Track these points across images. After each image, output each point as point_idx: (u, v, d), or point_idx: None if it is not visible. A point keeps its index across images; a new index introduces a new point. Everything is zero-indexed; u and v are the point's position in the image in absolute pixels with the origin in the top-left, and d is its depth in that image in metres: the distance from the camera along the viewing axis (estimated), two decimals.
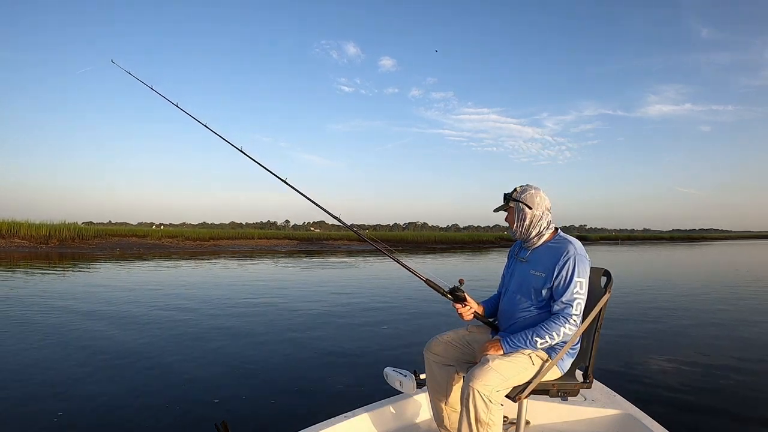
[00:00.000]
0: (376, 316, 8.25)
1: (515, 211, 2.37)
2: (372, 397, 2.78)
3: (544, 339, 2.13)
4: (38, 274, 15.01)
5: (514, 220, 2.37)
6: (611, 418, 2.65)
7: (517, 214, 2.36)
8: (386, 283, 13.35)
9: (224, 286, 12.63)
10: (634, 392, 3.54)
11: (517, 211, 2.36)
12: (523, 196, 2.36)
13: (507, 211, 2.42)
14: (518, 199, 2.36)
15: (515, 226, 2.38)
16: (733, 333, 7.07)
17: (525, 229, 2.35)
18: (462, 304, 2.36)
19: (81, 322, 7.38)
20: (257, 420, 3.67)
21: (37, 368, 4.96)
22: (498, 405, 2.02)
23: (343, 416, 2.51)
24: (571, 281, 2.15)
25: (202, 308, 8.77)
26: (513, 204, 2.38)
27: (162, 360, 5.31)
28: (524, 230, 2.35)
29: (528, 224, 2.34)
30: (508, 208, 2.41)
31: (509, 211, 2.41)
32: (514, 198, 2.38)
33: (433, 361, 2.46)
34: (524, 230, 2.35)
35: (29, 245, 29.68)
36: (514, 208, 2.38)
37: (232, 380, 4.62)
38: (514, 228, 2.39)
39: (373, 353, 5.70)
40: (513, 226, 2.39)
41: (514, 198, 2.38)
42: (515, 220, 2.37)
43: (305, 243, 43.80)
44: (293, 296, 10.72)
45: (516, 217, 2.37)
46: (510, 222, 2.40)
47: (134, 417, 3.69)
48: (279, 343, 6.15)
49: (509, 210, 2.41)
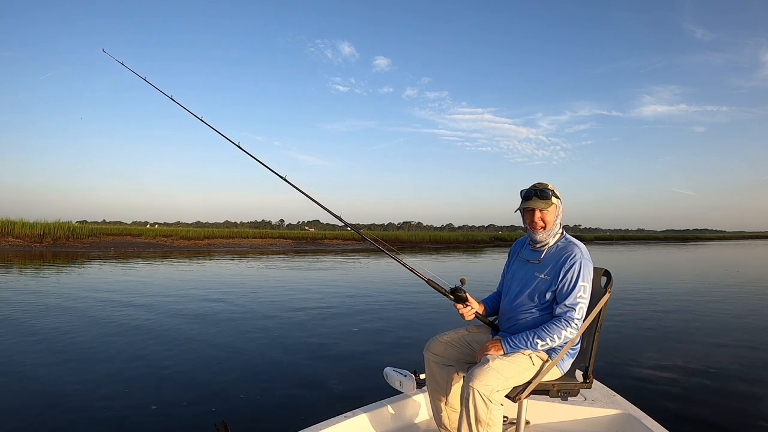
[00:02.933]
0: (376, 315, 8.24)
1: (557, 209, 2.27)
2: (372, 397, 2.77)
3: (545, 341, 2.12)
4: (38, 274, 14.92)
5: (554, 218, 2.25)
6: (611, 418, 2.66)
7: (559, 211, 2.27)
8: (385, 283, 13.33)
9: (222, 285, 12.58)
10: (634, 392, 3.55)
11: (559, 209, 2.27)
12: (558, 192, 2.28)
13: (543, 208, 2.23)
14: (558, 195, 2.27)
15: (551, 225, 2.25)
16: (731, 332, 7.11)
17: (556, 228, 2.27)
18: (463, 304, 2.35)
19: (79, 322, 7.35)
20: (257, 420, 3.67)
21: (41, 372, 4.93)
22: (498, 405, 2.02)
23: (343, 416, 2.51)
24: (575, 285, 2.13)
25: (201, 308, 8.74)
26: (556, 201, 2.26)
27: (161, 360, 5.29)
28: (555, 229, 2.27)
29: (561, 223, 2.29)
30: (552, 206, 2.24)
31: (549, 208, 2.23)
32: (556, 194, 2.26)
33: (433, 361, 2.45)
34: (555, 229, 2.27)
35: (23, 244, 29.50)
36: (557, 205, 2.27)
37: (232, 380, 4.61)
38: (549, 227, 2.24)
39: (373, 353, 5.70)
40: (550, 225, 2.24)
41: (556, 194, 2.26)
42: (555, 218, 2.26)
43: (300, 242, 43.75)
44: (291, 296, 10.69)
45: (557, 214, 2.26)
46: (547, 221, 2.24)
47: (134, 417, 3.68)
48: (279, 343, 6.14)
49: (550, 207, 2.23)
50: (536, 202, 2.23)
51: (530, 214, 2.26)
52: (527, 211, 2.27)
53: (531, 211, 2.25)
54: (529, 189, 2.27)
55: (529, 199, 2.26)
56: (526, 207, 2.26)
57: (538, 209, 2.23)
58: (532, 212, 2.25)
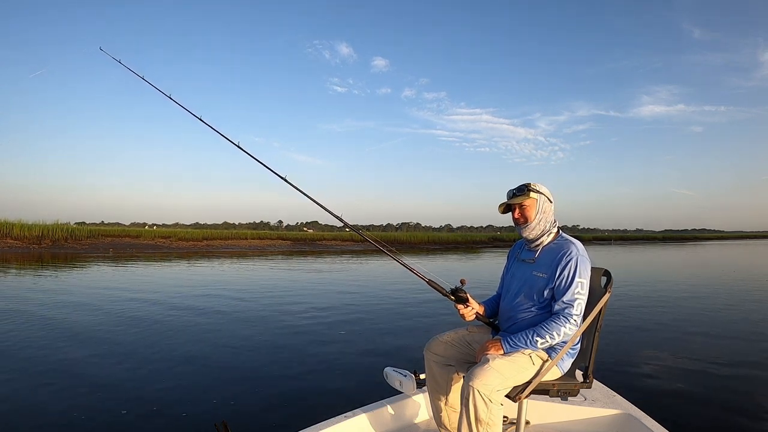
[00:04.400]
0: (376, 315, 8.25)
1: (537, 204, 2.26)
2: (372, 397, 2.77)
3: (545, 339, 2.12)
4: (42, 275, 14.89)
5: (534, 214, 2.25)
6: (611, 418, 2.66)
7: (540, 206, 2.26)
8: (385, 283, 13.34)
9: (222, 286, 12.57)
10: (634, 392, 3.55)
11: (540, 203, 2.27)
12: (543, 190, 2.29)
13: (521, 204, 2.27)
14: (540, 191, 2.28)
15: (534, 221, 2.25)
16: (731, 332, 7.13)
17: (544, 224, 2.27)
18: (464, 305, 2.35)
19: (77, 322, 7.34)
20: (257, 420, 3.67)
21: (42, 371, 4.93)
22: (498, 405, 2.01)
23: (343, 416, 2.51)
24: (572, 281, 2.14)
25: (201, 308, 8.73)
26: (535, 195, 2.26)
27: (161, 360, 5.29)
28: (544, 225, 2.27)
29: (549, 219, 2.29)
30: (529, 199, 2.26)
31: (528, 203, 2.26)
32: (535, 189, 2.27)
33: (433, 361, 2.45)
34: (544, 225, 2.27)
35: (22, 246, 29.45)
36: (537, 200, 2.27)
37: (232, 380, 4.61)
38: (532, 222, 2.26)
39: (372, 353, 5.70)
40: (531, 220, 2.25)
41: (536, 189, 2.27)
42: (536, 213, 2.26)
43: (299, 243, 43.73)
44: (291, 296, 10.69)
45: (537, 209, 2.26)
46: (527, 216, 2.26)
47: (134, 417, 3.68)
48: (278, 343, 6.14)
49: (528, 202, 2.26)
50: (512, 198, 2.30)
51: (512, 212, 2.32)
52: (512, 210, 2.32)
53: (512, 208, 2.31)
54: (512, 189, 2.34)
55: (508, 198, 2.33)
56: (504, 203, 2.33)
57: (515, 204, 2.28)
58: (513, 209, 2.31)
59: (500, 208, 2.35)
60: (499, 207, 2.36)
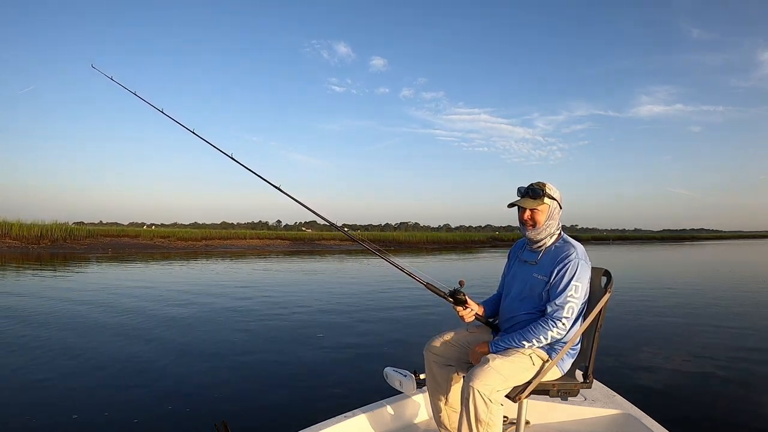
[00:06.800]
0: (375, 315, 8.26)
1: (549, 209, 2.25)
2: (372, 397, 2.77)
3: (531, 342, 2.12)
4: (47, 275, 14.87)
5: (545, 219, 2.24)
6: (611, 418, 2.66)
7: (551, 211, 2.25)
8: (385, 283, 13.33)
9: (222, 285, 12.57)
10: (634, 392, 3.55)
11: (551, 208, 2.25)
12: (556, 195, 2.27)
13: (534, 208, 2.23)
14: (553, 196, 2.26)
15: (543, 225, 2.24)
16: (731, 332, 7.13)
17: (551, 228, 2.26)
18: (463, 307, 2.35)
19: (77, 322, 7.33)
20: (257, 420, 3.67)
21: (42, 373, 4.92)
22: (498, 405, 2.01)
23: (343, 416, 2.51)
24: (568, 284, 2.13)
25: (200, 308, 8.73)
26: (549, 201, 2.25)
27: (161, 360, 5.28)
28: (551, 230, 2.26)
29: (557, 224, 2.27)
30: (543, 205, 2.23)
31: (541, 208, 2.23)
32: (549, 195, 2.25)
33: (433, 361, 2.45)
34: (551, 230, 2.26)
35: (20, 245, 29.40)
36: (549, 205, 2.26)
37: (232, 380, 4.61)
38: (540, 227, 2.24)
39: (373, 353, 5.71)
40: (540, 224, 2.23)
41: (550, 195, 2.26)
42: (546, 218, 2.24)
43: (297, 243, 43.67)
44: (289, 296, 10.69)
45: (549, 215, 2.24)
46: (537, 220, 2.23)
47: (134, 417, 3.67)
48: (278, 343, 6.14)
49: (542, 207, 2.24)
50: (525, 201, 2.26)
51: (521, 212, 2.29)
52: (519, 209, 2.30)
53: (522, 209, 2.28)
54: (526, 187, 2.29)
55: (520, 197, 2.30)
56: (516, 203, 2.30)
57: (528, 208, 2.25)
58: (522, 210, 2.28)
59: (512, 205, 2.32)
60: (511, 205, 2.32)
